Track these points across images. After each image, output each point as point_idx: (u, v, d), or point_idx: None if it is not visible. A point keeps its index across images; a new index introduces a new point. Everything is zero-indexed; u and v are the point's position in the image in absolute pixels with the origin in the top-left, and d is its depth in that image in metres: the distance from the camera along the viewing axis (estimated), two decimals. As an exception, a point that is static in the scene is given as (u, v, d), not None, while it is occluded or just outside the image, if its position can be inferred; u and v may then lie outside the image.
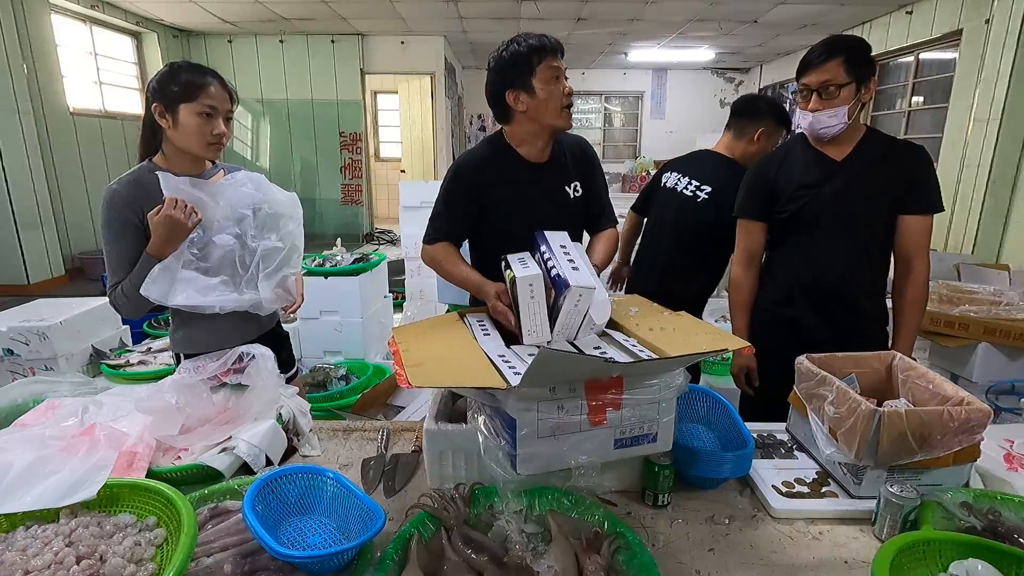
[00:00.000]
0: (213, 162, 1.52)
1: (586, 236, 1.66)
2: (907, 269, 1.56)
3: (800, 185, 1.59)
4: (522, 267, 1.20)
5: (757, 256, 1.73)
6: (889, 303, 1.63)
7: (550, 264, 1.19)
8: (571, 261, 1.19)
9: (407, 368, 0.97)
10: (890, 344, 1.58)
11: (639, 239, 2.31)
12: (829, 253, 1.59)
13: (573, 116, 1.49)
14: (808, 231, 1.60)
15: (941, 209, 1.54)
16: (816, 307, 1.62)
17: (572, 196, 1.58)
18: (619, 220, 1.71)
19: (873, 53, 1.52)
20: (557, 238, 1.28)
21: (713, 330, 1.14)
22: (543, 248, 1.25)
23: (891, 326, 1.62)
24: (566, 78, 1.45)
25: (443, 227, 1.56)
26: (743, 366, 1.71)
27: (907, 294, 1.57)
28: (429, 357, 1.05)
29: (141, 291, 1.32)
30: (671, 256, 2.11)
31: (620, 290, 2.44)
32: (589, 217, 1.64)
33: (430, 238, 1.57)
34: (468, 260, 1.61)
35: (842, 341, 1.40)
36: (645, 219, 2.30)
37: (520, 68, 1.41)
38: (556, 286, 1.14)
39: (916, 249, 1.55)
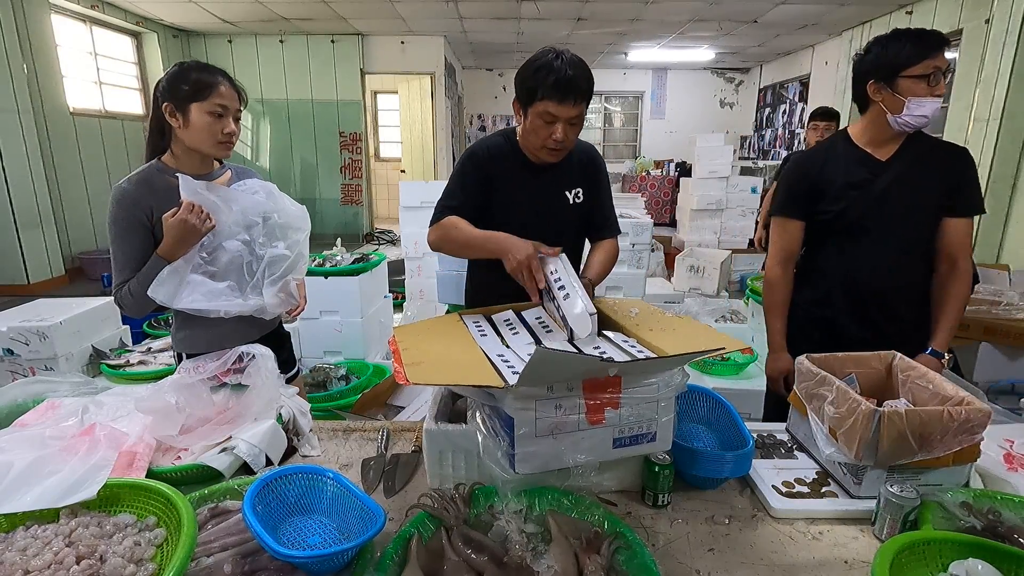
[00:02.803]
0: (220, 162, 1.53)
1: (587, 247, 1.67)
2: (952, 267, 1.54)
3: (845, 185, 1.55)
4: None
5: (794, 256, 1.68)
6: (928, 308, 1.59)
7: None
8: (562, 288, 1.22)
9: (406, 366, 0.98)
10: (931, 338, 1.55)
11: None
12: (872, 255, 1.56)
13: None
14: (851, 231, 1.57)
15: (983, 211, 1.53)
16: (855, 308, 1.59)
17: (572, 201, 1.58)
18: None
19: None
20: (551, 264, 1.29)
21: (711, 331, 1.14)
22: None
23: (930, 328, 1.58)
24: (573, 123, 1.40)
25: (453, 205, 1.51)
26: (782, 371, 1.65)
27: (951, 289, 1.54)
28: (428, 356, 1.05)
29: (149, 292, 1.32)
30: None
31: None
32: (591, 226, 1.64)
33: (438, 216, 1.52)
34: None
35: (879, 343, 1.35)
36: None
37: (525, 91, 1.40)
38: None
39: (960, 250, 1.52)
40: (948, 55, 1.43)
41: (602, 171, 1.64)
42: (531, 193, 1.54)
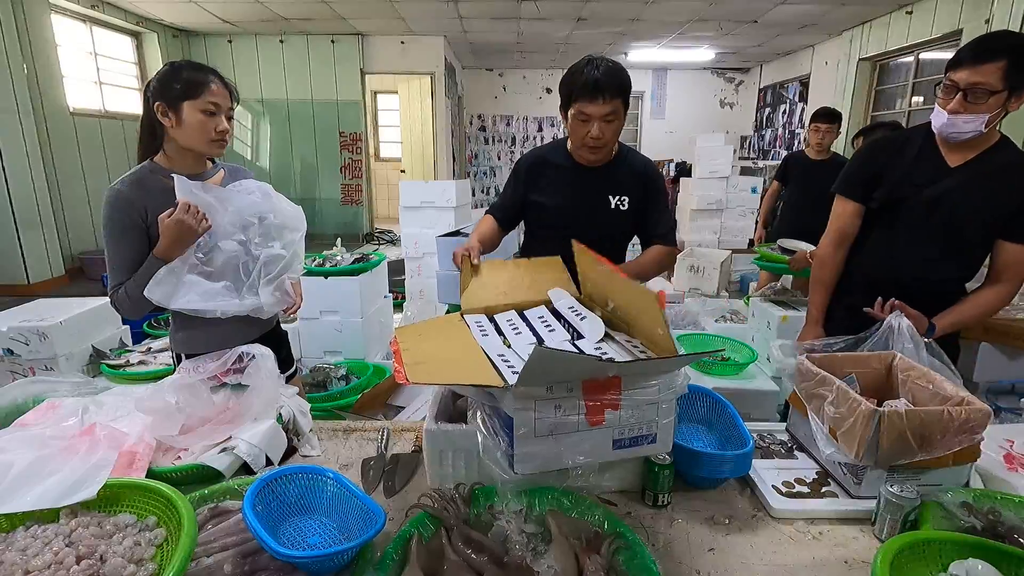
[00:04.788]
0: (213, 161, 1.52)
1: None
2: (992, 283, 1.51)
3: (904, 180, 1.52)
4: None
5: (848, 237, 1.66)
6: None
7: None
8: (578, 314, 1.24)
9: (407, 366, 0.98)
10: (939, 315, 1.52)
11: None
12: (906, 254, 1.54)
13: None
14: (893, 227, 1.55)
15: None
16: (873, 299, 1.54)
17: (614, 206, 1.69)
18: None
19: (873, 53, 1.50)
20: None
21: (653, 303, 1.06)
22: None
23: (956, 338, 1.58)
24: (608, 120, 1.54)
25: (497, 204, 1.83)
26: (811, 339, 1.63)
27: (982, 294, 1.51)
28: (429, 356, 1.05)
29: (144, 293, 1.32)
30: None
31: None
32: (642, 232, 1.77)
33: (488, 210, 1.83)
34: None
35: None
36: None
37: (564, 96, 1.58)
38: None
39: (1009, 276, 1.48)
40: (990, 74, 1.31)
41: (658, 186, 1.74)
42: (575, 194, 1.69)
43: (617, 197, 1.69)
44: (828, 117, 3.69)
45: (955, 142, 1.46)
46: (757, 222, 4.35)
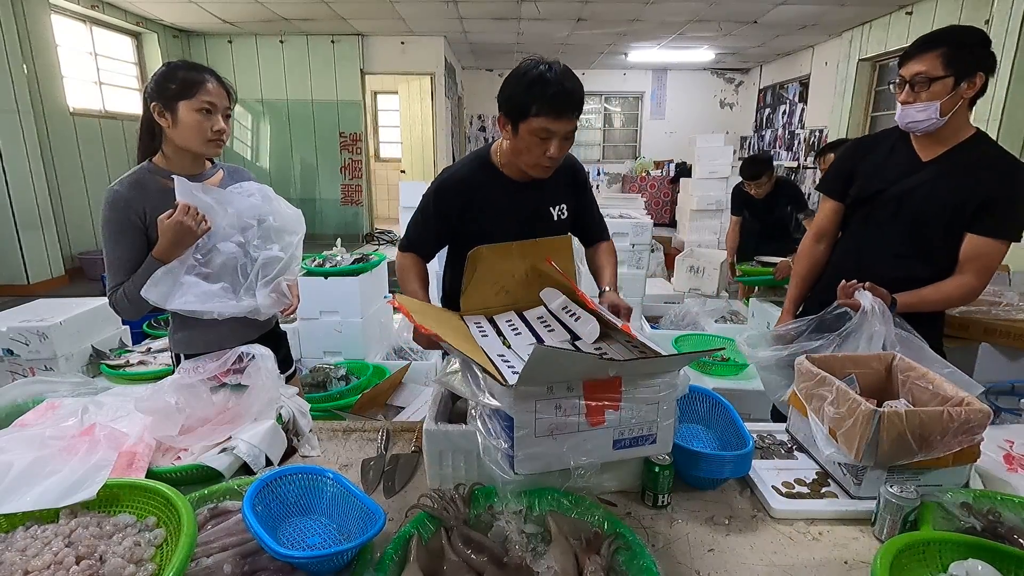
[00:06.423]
0: (212, 161, 1.52)
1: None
2: (956, 274, 1.51)
3: (876, 175, 1.56)
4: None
5: (826, 234, 1.75)
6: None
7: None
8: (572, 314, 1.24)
9: (416, 316, 1.03)
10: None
11: None
12: (877, 251, 1.57)
13: None
14: (865, 222, 1.60)
15: (1014, 239, 1.46)
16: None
17: (556, 217, 1.55)
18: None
19: (873, 53, 1.52)
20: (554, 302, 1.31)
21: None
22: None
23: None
24: (567, 138, 1.34)
25: (415, 240, 1.57)
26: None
27: (945, 283, 1.50)
28: (435, 326, 1.06)
29: (141, 293, 1.32)
30: None
31: None
32: (584, 235, 1.68)
33: (403, 246, 1.59)
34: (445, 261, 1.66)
35: None
36: None
37: (516, 107, 1.32)
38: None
39: (971, 268, 1.48)
40: (929, 63, 1.41)
41: (585, 182, 1.63)
42: (514, 214, 1.49)
43: (557, 207, 1.55)
44: (751, 174, 3.64)
45: (917, 133, 1.51)
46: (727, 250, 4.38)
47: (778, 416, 1.75)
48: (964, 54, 1.40)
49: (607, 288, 1.52)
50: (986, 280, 1.51)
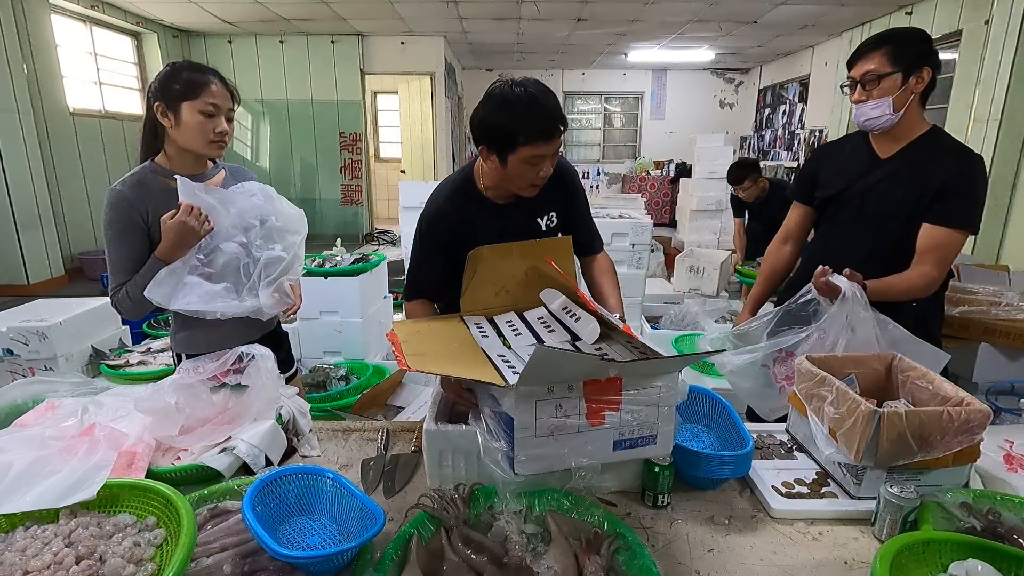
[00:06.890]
0: (214, 161, 1.52)
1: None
2: (916, 264, 1.50)
3: (838, 176, 1.61)
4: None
5: (793, 237, 1.81)
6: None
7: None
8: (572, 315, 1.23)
9: (407, 356, 0.99)
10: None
11: None
12: (844, 245, 1.61)
13: (572, 118, 1.46)
14: (832, 220, 1.64)
15: (968, 228, 1.47)
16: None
17: (545, 227, 1.51)
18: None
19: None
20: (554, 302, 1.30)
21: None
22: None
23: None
24: (555, 154, 1.30)
25: (422, 282, 1.51)
26: None
27: (907, 272, 1.49)
28: (428, 350, 1.06)
29: (145, 293, 1.32)
30: None
31: None
32: (577, 244, 1.51)
33: (410, 295, 1.52)
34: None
35: None
36: None
37: (502, 138, 1.26)
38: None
39: (929, 258, 1.47)
40: (876, 61, 1.47)
41: (575, 187, 1.54)
42: (501, 233, 1.41)
43: (545, 217, 1.50)
44: (732, 178, 3.66)
45: (875, 130, 1.55)
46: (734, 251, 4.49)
47: (753, 416, 1.74)
48: (908, 50, 1.45)
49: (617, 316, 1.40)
50: (944, 269, 1.51)
